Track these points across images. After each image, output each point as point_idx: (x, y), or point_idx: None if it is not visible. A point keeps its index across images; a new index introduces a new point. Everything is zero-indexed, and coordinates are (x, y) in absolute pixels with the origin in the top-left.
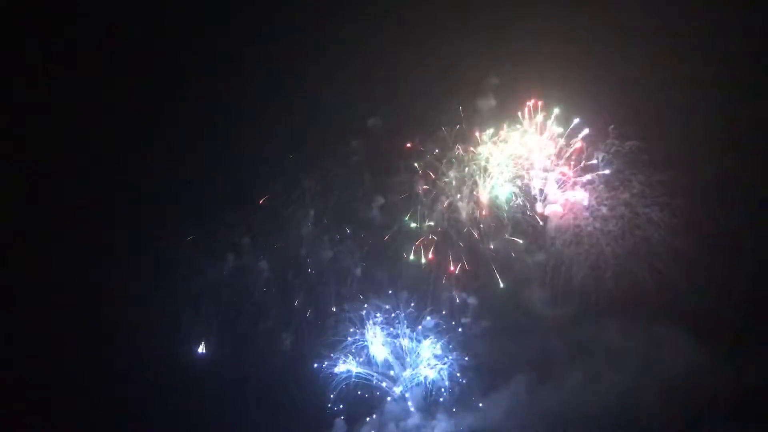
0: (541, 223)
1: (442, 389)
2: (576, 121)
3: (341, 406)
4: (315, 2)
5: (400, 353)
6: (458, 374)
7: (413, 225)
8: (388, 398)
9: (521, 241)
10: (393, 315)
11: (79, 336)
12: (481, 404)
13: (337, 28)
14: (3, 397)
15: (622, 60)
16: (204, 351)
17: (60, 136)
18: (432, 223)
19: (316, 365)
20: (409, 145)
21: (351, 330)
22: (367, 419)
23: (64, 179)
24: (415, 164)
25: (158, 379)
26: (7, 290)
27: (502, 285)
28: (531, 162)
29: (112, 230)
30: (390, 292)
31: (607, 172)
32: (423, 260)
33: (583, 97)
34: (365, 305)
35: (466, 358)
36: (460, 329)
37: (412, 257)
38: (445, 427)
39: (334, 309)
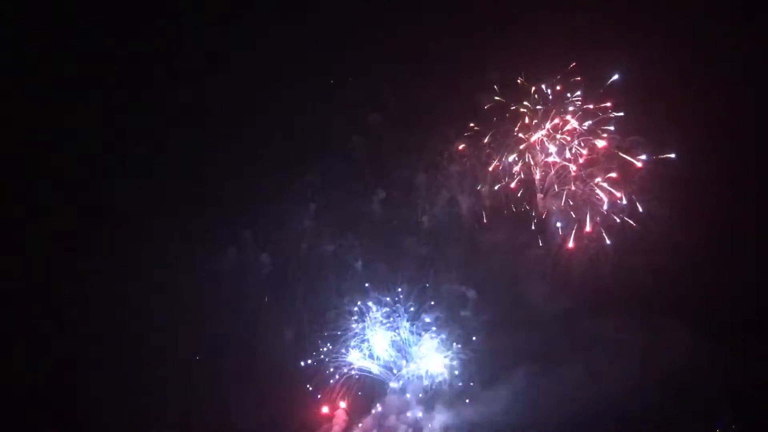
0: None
1: (442, 382)
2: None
3: (342, 399)
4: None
5: (400, 346)
6: (458, 367)
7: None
8: (389, 388)
9: (521, 235)
10: (393, 308)
11: (79, 334)
12: (480, 396)
13: (339, 25)
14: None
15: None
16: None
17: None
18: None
19: (316, 358)
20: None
21: (352, 323)
22: (368, 412)
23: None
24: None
25: (158, 370)
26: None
27: (502, 279)
28: (533, 155)
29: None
30: (390, 285)
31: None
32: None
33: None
34: (366, 299)
35: (466, 351)
36: (459, 322)
37: None
38: (445, 419)
39: (334, 302)
